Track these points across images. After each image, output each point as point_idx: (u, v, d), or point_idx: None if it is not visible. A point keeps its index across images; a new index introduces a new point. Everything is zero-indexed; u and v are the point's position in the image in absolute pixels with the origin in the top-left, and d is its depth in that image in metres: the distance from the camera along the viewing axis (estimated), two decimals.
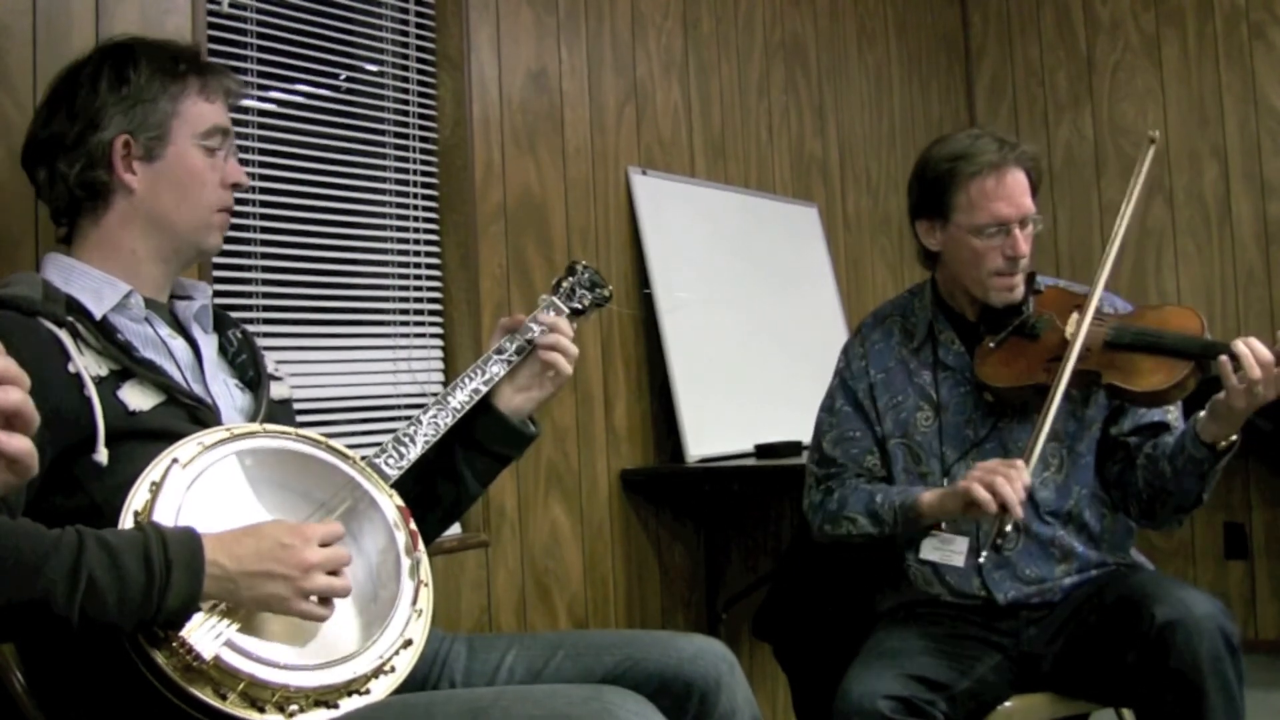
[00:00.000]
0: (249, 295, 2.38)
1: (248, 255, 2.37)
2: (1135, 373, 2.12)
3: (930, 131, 4.81)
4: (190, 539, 1.32)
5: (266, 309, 2.42)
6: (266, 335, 2.38)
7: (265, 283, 2.42)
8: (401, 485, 1.65)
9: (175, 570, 1.28)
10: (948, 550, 2.19)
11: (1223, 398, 2.01)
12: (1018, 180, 2.22)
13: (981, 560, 2.08)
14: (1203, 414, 2.06)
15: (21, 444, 1.03)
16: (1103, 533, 2.25)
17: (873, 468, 2.32)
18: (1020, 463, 2.02)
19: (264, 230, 2.42)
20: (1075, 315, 2.21)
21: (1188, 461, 2.08)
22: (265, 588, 1.35)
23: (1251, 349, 1.98)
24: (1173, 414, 2.24)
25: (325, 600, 1.40)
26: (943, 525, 2.18)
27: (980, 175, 2.20)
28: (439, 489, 1.82)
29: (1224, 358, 1.99)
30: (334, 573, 1.41)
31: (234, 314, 1.84)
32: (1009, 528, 1.99)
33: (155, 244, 1.64)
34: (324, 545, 1.40)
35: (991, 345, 2.24)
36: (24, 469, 1.04)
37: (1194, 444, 2.06)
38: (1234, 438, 2.06)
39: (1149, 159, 2.29)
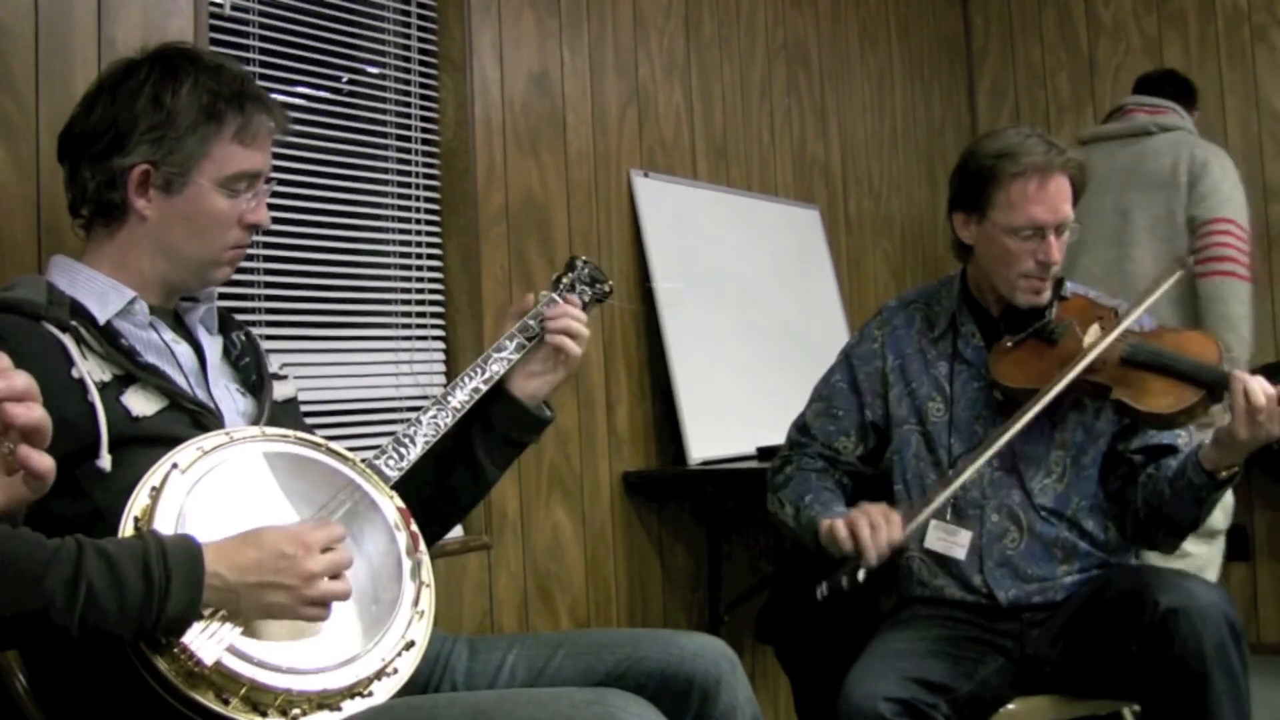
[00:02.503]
0: (251, 298, 2.38)
1: (250, 258, 2.37)
2: (1145, 392, 2.11)
3: (932, 134, 4.82)
4: (190, 548, 1.32)
5: (269, 311, 2.42)
6: (269, 338, 2.38)
7: (267, 285, 2.41)
8: (418, 481, 1.65)
9: (175, 580, 1.28)
10: (951, 541, 2.21)
11: (1227, 425, 2.01)
12: (1060, 186, 2.20)
13: (819, 594, 2.02)
14: (1207, 441, 2.06)
15: (47, 461, 1.04)
16: (1106, 541, 2.25)
17: (842, 449, 2.35)
18: (897, 517, 2.03)
19: (266, 233, 2.41)
20: (1096, 327, 2.21)
21: (1187, 486, 2.08)
22: (267, 598, 1.35)
23: (1261, 384, 1.99)
24: (1183, 438, 2.23)
25: (324, 603, 1.40)
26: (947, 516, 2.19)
27: (1023, 176, 2.18)
28: (457, 478, 1.82)
29: (1237, 375, 1.99)
30: (335, 576, 1.41)
31: (236, 316, 1.84)
32: (860, 574, 1.99)
33: (162, 268, 1.63)
34: (325, 550, 1.40)
35: (1009, 344, 2.24)
36: (42, 486, 1.05)
37: (1195, 470, 2.07)
38: (1235, 468, 2.05)
39: (1172, 280, 2.30)
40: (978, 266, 2.32)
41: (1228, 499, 2.91)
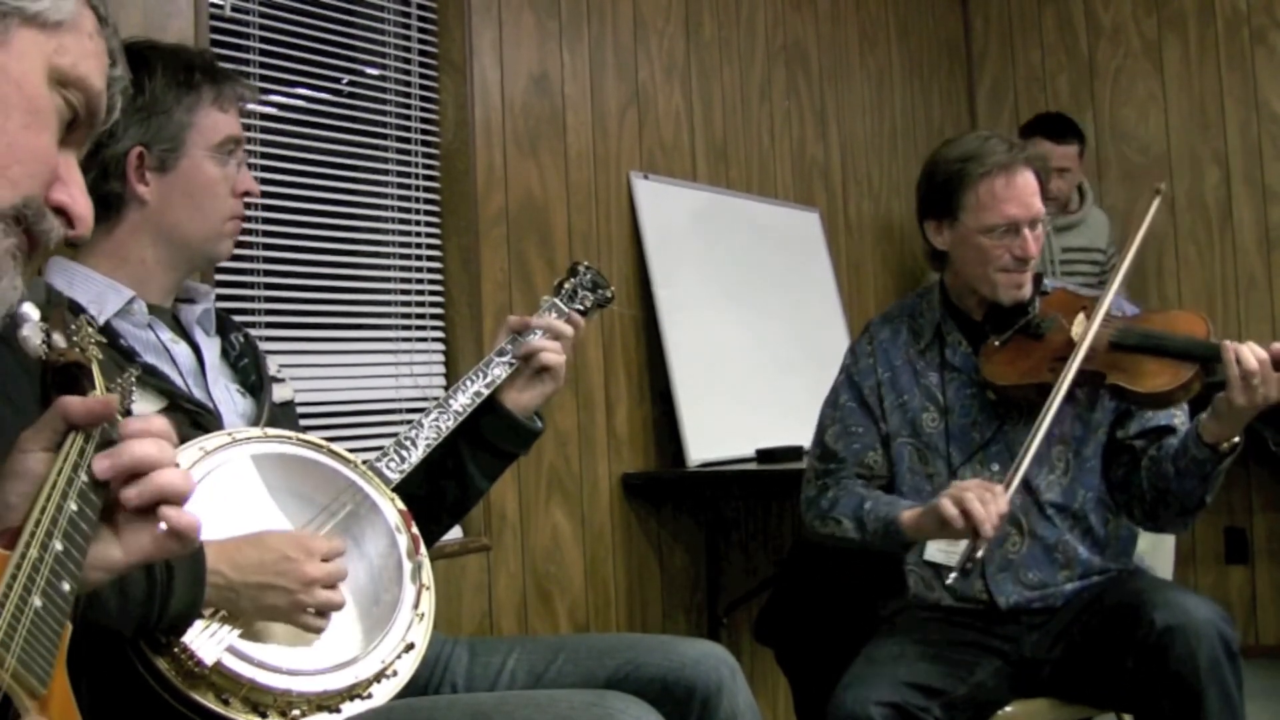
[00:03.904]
0: (251, 299, 2.38)
1: (250, 259, 2.37)
2: (1139, 374, 2.12)
3: (932, 136, 4.81)
4: None
5: (268, 313, 2.42)
6: (268, 339, 2.38)
7: (267, 286, 2.41)
8: (408, 485, 1.65)
9: (177, 578, 1.28)
10: (952, 553, 2.19)
11: (1224, 394, 2.01)
12: (1028, 181, 2.21)
13: (949, 581, 2.02)
14: (1205, 414, 2.06)
15: (194, 521, 1.04)
16: (1107, 538, 2.25)
17: (873, 465, 2.33)
18: (999, 488, 2.00)
19: (266, 234, 2.42)
20: (1081, 316, 2.21)
21: (1190, 462, 2.08)
22: (266, 599, 1.36)
23: (1250, 347, 1.99)
24: (1179, 418, 2.23)
25: (321, 613, 1.41)
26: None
27: (990, 176, 2.19)
28: (445, 488, 1.82)
29: (1228, 344, 2.00)
30: (331, 587, 1.42)
31: (236, 318, 1.84)
32: (979, 552, 1.97)
33: (166, 253, 1.64)
34: (325, 559, 1.41)
35: (996, 344, 2.24)
36: (188, 546, 1.05)
37: (1196, 444, 2.07)
38: (1236, 440, 2.06)
39: (1154, 209, 2.28)
40: (955, 272, 2.31)
41: None
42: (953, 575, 2.00)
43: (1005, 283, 2.22)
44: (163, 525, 1.04)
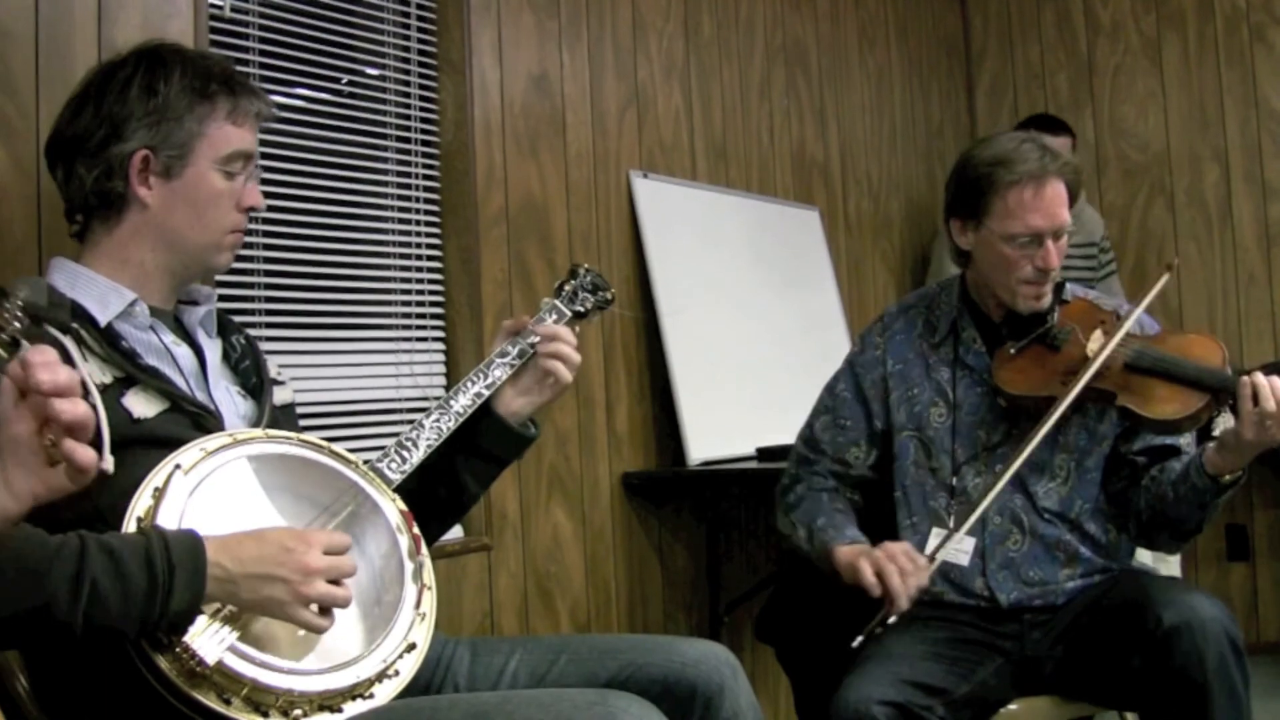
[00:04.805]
0: (251, 299, 2.38)
1: (250, 259, 2.37)
2: (1150, 399, 2.10)
3: (931, 134, 4.82)
4: (192, 542, 1.32)
5: (269, 313, 2.42)
6: (269, 339, 2.38)
7: (268, 287, 2.41)
8: (400, 489, 1.65)
9: (178, 573, 1.28)
10: (954, 549, 2.20)
11: (1233, 426, 2.00)
12: (1057, 192, 2.18)
13: (854, 645, 2.04)
14: (1211, 444, 2.05)
15: (90, 455, 1.05)
16: (1108, 544, 2.25)
17: (852, 461, 2.34)
18: (923, 561, 2.06)
19: (266, 234, 2.42)
20: (1099, 332, 2.20)
21: (1190, 490, 2.08)
22: (265, 590, 1.35)
23: (1270, 383, 1.98)
24: (1185, 440, 2.23)
25: (325, 611, 1.40)
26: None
27: (1019, 184, 2.16)
28: (438, 492, 1.82)
29: (1245, 379, 1.99)
30: (336, 582, 1.41)
31: (236, 318, 1.84)
32: (891, 620, 2.02)
33: (165, 259, 1.64)
34: (329, 553, 1.40)
35: (1012, 351, 2.23)
36: (84, 479, 1.07)
37: (1198, 473, 2.06)
38: (1239, 472, 2.05)
39: (1163, 281, 2.28)
40: (977, 272, 2.31)
41: None
42: (858, 640, 2.03)
43: (1025, 293, 2.21)
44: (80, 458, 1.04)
